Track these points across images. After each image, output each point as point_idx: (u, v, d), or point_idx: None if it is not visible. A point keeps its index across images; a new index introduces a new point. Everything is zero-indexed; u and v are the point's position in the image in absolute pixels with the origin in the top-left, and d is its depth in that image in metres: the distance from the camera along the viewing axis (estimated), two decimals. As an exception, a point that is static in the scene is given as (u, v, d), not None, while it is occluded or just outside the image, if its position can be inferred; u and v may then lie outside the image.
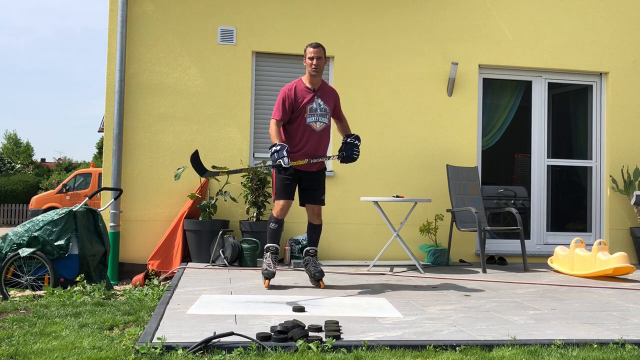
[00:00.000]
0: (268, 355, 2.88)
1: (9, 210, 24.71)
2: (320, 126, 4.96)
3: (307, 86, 4.98)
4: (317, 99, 4.96)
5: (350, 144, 4.99)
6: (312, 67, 4.90)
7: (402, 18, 7.35)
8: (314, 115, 4.93)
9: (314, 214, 5.04)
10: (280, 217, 4.96)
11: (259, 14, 7.11)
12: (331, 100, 5.05)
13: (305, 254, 5.08)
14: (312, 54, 4.91)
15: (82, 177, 19.44)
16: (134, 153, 6.86)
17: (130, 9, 6.88)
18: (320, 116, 4.95)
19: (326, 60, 5.04)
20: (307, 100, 4.93)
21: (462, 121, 7.39)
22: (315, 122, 4.94)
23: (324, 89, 5.04)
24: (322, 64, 4.94)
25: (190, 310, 3.83)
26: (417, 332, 3.34)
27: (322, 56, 4.95)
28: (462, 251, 7.32)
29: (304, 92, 4.95)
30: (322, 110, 4.97)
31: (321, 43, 5.04)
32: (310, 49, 4.93)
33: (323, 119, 4.97)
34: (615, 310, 4.18)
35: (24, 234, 5.34)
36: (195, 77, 6.98)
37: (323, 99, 4.99)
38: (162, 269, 6.39)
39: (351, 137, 5.02)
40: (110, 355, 2.89)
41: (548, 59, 7.60)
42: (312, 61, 4.90)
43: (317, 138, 4.96)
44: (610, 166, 7.65)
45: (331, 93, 5.09)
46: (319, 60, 4.91)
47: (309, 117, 4.93)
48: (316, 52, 4.91)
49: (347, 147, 4.99)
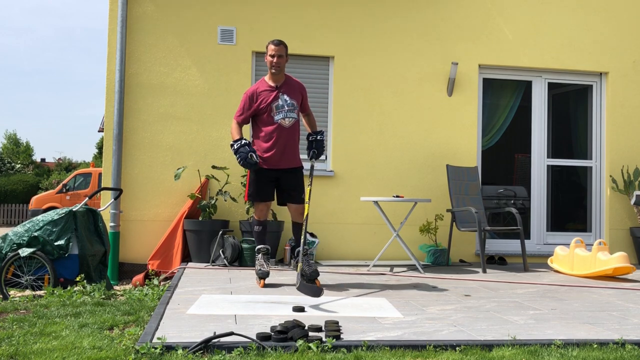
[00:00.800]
0: (268, 355, 2.88)
1: (9, 210, 24.71)
2: (289, 122, 4.97)
3: (270, 85, 4.99)
4: (283, 95, 4.97)
5: (320, 141, 5.08)
6: (272, 64, 4.93)
7: (402, 18, 7.35)
8: (282, 112, 4.95)
9: (297, 213, 5.06)
10: (262, 219, 5.05)
11: (259, 14, 7.11)
12: (297, 94, 5.06)
13: (297, 254, 5.05)
14: (273, 51, 4.92)
15: (82, 177, 19.44)
16: (134, 153, 6.86)
17: (130, 9, 6.88)
18: (288, 112, 4.96)
19: (287, 58, 5.03)
20: (271, 99, 4.94)
21: (462, 121, 7.39)
22: (284, 119, 4.95)
23: (288, 84, 5.04)
24: (282, 61, 4.95)
25: (190, 310, 3.83)
26: (417, 332, 3.34)
27: (284, 54, 4.95)
28: (462, 251, 7.32)
29: (267, 92, 4.97)
30: (290, 105, 4.97)
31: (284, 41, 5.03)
32: (272, 46, 4.94)
33: (292, 114, 4.98)
34: (615, 310, 4.18)
35: (24, 234, 5.34)
36: (195, 77, 6.98)
37: (289, 94, 4.99)
38: (162, 269, 6.39)
39: (320, 134, 5.10)
40: (110, 355, 2.89)
41: (548, 59, 7.60)
42: (273, 59, 4.92)
43: (288, 134, 4.98)
44: (610, 166, 7.65)
45: (297, 87, 5.09)
46: (279, 58, 4.92)
47: (276, 115, 4.94)
48: (277, 50, 4.92)
49: (318, 144, 5.07)
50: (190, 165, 6.90)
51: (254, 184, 4.98)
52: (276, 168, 4.99)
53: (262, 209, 5.02)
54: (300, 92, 5.10)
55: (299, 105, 5.06)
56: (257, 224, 5.05)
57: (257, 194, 4.99)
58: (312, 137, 5.13)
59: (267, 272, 4.94)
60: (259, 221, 5.04)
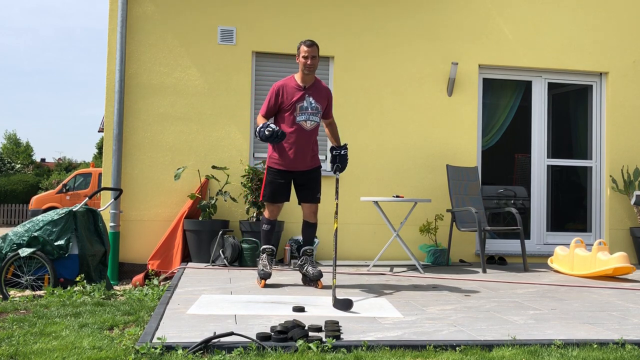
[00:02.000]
0: (268, 355, 2.88)
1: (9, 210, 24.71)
2: (310, 125, 4.91)
3: (299, 84, 4.91)
4: (308, 97, 4.90)
5: (343, 156, 4.98)
6: (305, 66, 4.83)
7: (402, 18, 7.35)
8: (305, 113, 4.88)
9: (310, 213, 5.02)
10: (271, 219, 5.01)
11: (259, 14, 7.11)
12: (324, 99, 4.98)
13: (303, 254, 5.03)
14: (306, 52, 4.82)
15: (82, 177, 19.44)
16: (134, 153, 6.86)
17: (130, 9, 6.88)
18: (311, 115, 4.89)
19: (319, 58, 4.96)
20: (296, 98, 4.87)
21: (462, 121, 7.39)
22: (306, 121, 4.89)
23: (316, 87, 4.95)
24: (316, 62, 4.86)
25: (190, 310, 3.83)
26: (417, 332, 3.34)
27: (317, 55, 4.86)
28: (462, 251, 7.32)
29: (294, 90, 4.89)
30: (313, 108, 4.90)
31: (316, 42, 4.95)
32: (305, 47, 4.83)
33: (314, 118, 4.91)
34: (615, 310, 4.18)
35: (24, 234, 5.34)
36: (195, 77, 6.98)
37: (315, 97, 4.91)
38: (162, 269, 6.39)
39: (344, 149, 4.99)
40: (110, 355, 2.89)
41: (548, 59, 7.60)
42: (307, 60, 4.82)
43: (307, 137, 4.92)
44: (610, 166, 7.65)
45: (324, 92, 4.99)
46: (313, 59, 4.84)
47: (299, 115, 4.87)
48: (310, 52, 4.82)
49: (342, 158, 4.97)
50: (190, 165, 6.90)
51: (269, 185, 4.96)
52: (292, 170, 4.95)
53: (272, 209, 5.00)
54: (326, 97, 5.00)
55: (322, 110, 4.98)
56: (266, 223, 5.01)
57: (271, 195, 4.96)
58: (335, 151, 5.00)
59: (269, 274, 4.92)
60: (269, 220, 5.00)
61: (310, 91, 4.91)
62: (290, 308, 3.93)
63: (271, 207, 4.99)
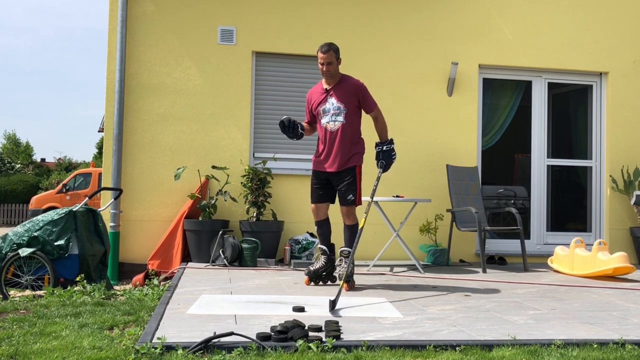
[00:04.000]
0: (268, 355, 2.88)
1: (9, 210, 24.71)
2: (335, 126, 4.90)
3: (323, 87, 5.01)
4: (330, 99, 4.93)
5: (387, 151, 4.95)
6: (322, 72, 4.94)
7: (402, 18, 7.35)
8: (327, 115, 4.93)
9: (344, 215, 4.97)
10: (316, 219, 5.08)
11: (259, 14, 7.11)
12: (350, 96, 4.91)
13: (340, 254, 5.00)
14: (322, 59, 4.89)
15: (82, 177, 19.44)
16: (134, 153, 6.86)
17: (130, 9, 6.88)
18: (334, 115, 4.90)
19: (340, 60, 4.94)
20: (319, 102, 4.97)
21: (462, 121, 7.39)
22: (329, 123, 4.92)
23: (340, 85, 4.94)
24: (332, 68, 4.89)
25: (190, 310, 3.83)
26: (417, 332, 3.34)
27: (333, 60, 4.88)
28: (462, 251, 7.32)
29: (318, 94, 5.01)
30: (336, 109, 4.91)
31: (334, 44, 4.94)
32: (320, 54, 4.90)
33: (338, 118, 4.89)
34: (615, 310, 4.18)
35: (24, 234, 5.34)
36: (195, 77, 6.98)
37: (337, 97, 4.90)
38: (162, 269, 6.39)
39: (386, 144, 4.96)
40: (110, 355, 2.89)
41: (548, 59, 7.60)
42: (323, 67, 4.90)
43: (334, 138, 4.90)
44: (610, 166, 7.65)
45: (350, 88, 4.94)
46: (328, 66, 4.88)
47: (322, 118, 4.96)
48: (326, 58, 4.87)
49: (385, 155, 4.95)
50: (190, 165, 6.90)
51: (311, 187, 5.09)
52: (324, 170, 4.99)
53: (313, 209, 5.08)
54: (353, 92, 4.93)
55: (348, 108, 4.90)
56: (315, 224, 5.11)
57: (311, 195, 5.08)
58: (378, 147, 4.99)
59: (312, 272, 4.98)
60: (315, 221, 5.10)
61: (332, 91, 4.94)
62: (290, 308, 3.93)
63: (312, 207, 5.09)
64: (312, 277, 5.01)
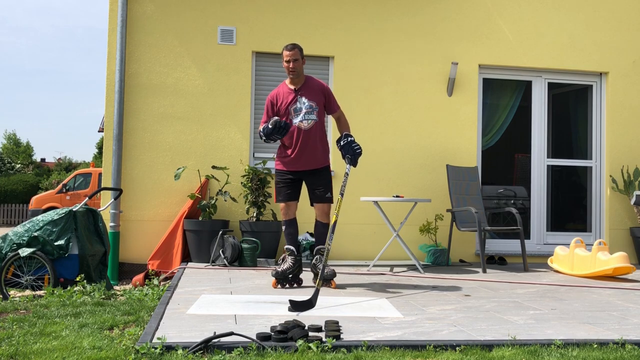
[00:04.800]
0: (268, 355, 2.88)
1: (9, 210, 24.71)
2: (308, 125, 4.95)
3: (290, 88, 5.01)
4: (301, 98, 4.96)
5: (348, 143, 4.88)
6: (289, 70, 4.94)
7: (402, 18, 7.35)
8: (299, 114, 4.95)
9: (321, 213, 5.01)
10: (286, 219, 5.06)
11: (259, 14, 7.11)
12: (318, 95, 5.00)
13: (316, 253, 5.02)
14: (287, 57, 4.93)
15: (82, 177, 19.43)
16: (134, 153, 6.86)
17: (130, 9, 6.88)
18: (307, 114, 4.95)
19: (304, 60, 5.01)
20: (289, 102, 4.96)
21: (462, 121, 7.39)
22: (302, 122, 4.94)
23: (308, 85, 5.01)
24: (298, 65, 4.93)
25: (190, 310, 3.83)
26: (417, 332, 3.34)
27: (299, 58, 4.93)
28: (462, 251, 7.32)
29: (286, 94, 4.99)
30: (308, 107, 4.96)
31: (298, 44, 5.00)
32: (286, 52, 4.94)
33: (310, 116, 4.95)
34: (615, 310, 4.18)
35: (24, 234, 5.34)
36: (195, 77, 6.98)
37: (307, 96, 4.96)
38: (162, 269, 6.39)
39: (343, 138, 4.93)
40: (110, 355, 2.89)
41: (548, 59, 7.60)
42: (289, 64, 4.92)
43: (308, 136, 4.95)
44: (610, 166, 7.65)
45: (318, 88, 5.03)
46: (295, 62, 4.92)
47: (294, 118, 4.95)
48: (291, 55, 4.91)
49: (346, 148, 4.88)
50: (190, 165, 6.90)
51: (277, 185, 5.06)
52: (296, 170, 4.99)
53: (282, 208, 5.06)
54: (321, 92, 5.02)
55: (319, 107, 4.99)
56: (283, 224, 5.09)
57: (279, 195, 5.05)
58: (338, 144, 4.98)
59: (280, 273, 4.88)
60: (284, 220, 5.07)
61: (301, 91, 4.99)
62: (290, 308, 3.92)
63: (282, 207, 5.06)
64: (279, 278, 4.93)
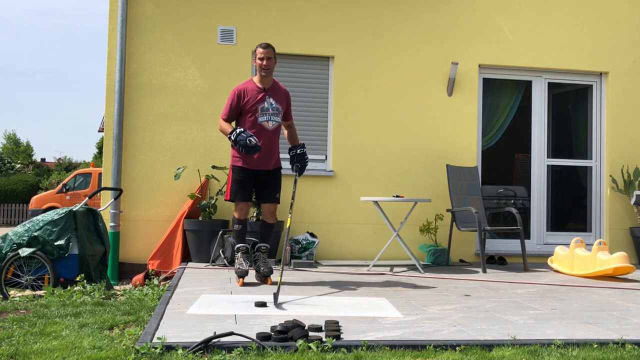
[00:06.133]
0: (268, 355, 2.88)
1: (9, 210, 24.71)
2: (272, 125, 5.06)
3: (258, 86, 5.07)
4: (269, 99, 5.05)
5: (301, 154, 5.17)
6: (262, 67, 4.99)
7: (402, 18, 7.35)
8: (266, 114, 5.03)
9: (268, 213, 5.17)
10: (242, 218, 5.13)
11: (259, 14, 7.11)
12: (283, 101, 5.15)
13: (256, 250, 5.17)
14: (262, 54, 4.99)
15: (82, 177, 19.44)
16: (134, 153, 6.86)
17: (130, 9, 6.88)
18: (272, 115, 5.05)
19: (276, 60, 5.10)
20: (257, 100, 5.02)
21: (462, 121, 7.39)
22: (268, 121, 5.03)
23: (275, 88, 5.13)
24: (271, 64, 5.02)
25: (190, 310, 3.83)
26: (417, 332, 3.34)
27: (272, 56, 5.03)
28: (462, 251, 7.32)
29: (254, 92, 5.05)
30: (274, 109, 5.06)
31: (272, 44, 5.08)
32: (260, 49, 5.01)
33: (275, 118, 5.07)
34: (615, 310, 4.18)
35: (24, 234, 5.34)
36: (195, 77, 6.98)
37: (274, 99, 5.08)
38: (162, 269, 6.39)
39: (300, 148, 5.18)
40: (110, 355, 2.89)
41: (548, 59, 7.60)
42: (262, 62, 4.99)
43: (270, 137, 5.06)
44: (610, 166, 7.65)
45: (283, 93, 5.18)
46: (268, 60, 5.00)
47: (260, 116, 5.02)
48: (266, 53, 4.99)
49: (299, 158, 5.16)
50: (190, 165, 6.90)
51: (236, 183, 5.08)
52: (257, 169, 5.09)
53: (242, 207, 5.11)
54: (285, 98, 5.19)
55: (282, 111, 5.14)
56: (237, 223, 5.14)
57: (239, 193, 5.08)
58: (292, 151, 5.21)
59: (246, 271, 5.01)
60: (239, 220, 5.13)
61: (270, 92, 5.08)
62: (290, 308, 3.92)
63: (240, 205, 5.11)
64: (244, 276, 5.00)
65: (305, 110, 7.20)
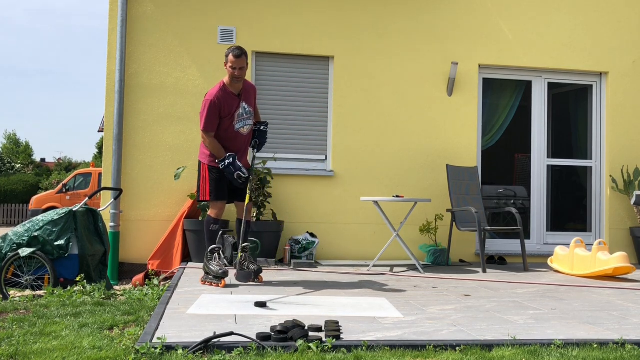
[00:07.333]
0: (268, 355, 2.88)
1: (9, 210, 24.71)
2: (246, 130, 5.12)
3: (232, 92, 5.01)
4: (242, 103, 5.06)
5: (263, 132, 5.22)
6: (233, 76, 4.92)
7: (402, 18, 7.35)
8: (241, 120, 5.05)
9: (247, 211, 5.19)
10: (219, 218, 5.15)
11: (259, 14, 7.11)
12: (252, 98, 5.17)
13: (242, 251, 5.10)
14: (235, 64, 4.89)
15: (82, 177, 19.44)
16: (134, 153, 6.86)
17: (130, 9, 6.88)
18: (246, 120, 5.09)
19: (247, 66, 5.01)
20: (234, 107, 5.01)
21: (462, 121, 7.39)
22: (243, 127, 5.08)
23: (246, 90, 5.12)
24: (244, 73, 4.97)
25: (190, 310, 3.83)
26: (417, 332, 3.34)
27: (245, 65, 4.95)
28: (462, 251, 7.32)
29: (230, 99, 4.99)
30: (248, 113, 5.10)
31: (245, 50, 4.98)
32: (233, 58, 4.89)
33: (249, 122, 5.13)
34: (615, 310, 4.18)
35: (24, 234, 5.34)
36: (195, 77, 6.98)
37: (247, 101, 5.09)
38: (162, 269, 6.39)
39: (263, 125, 5.23)
40: (110, 355, 2.89)
41: (548, 59, 7.60)
42: (235, 71, 4.91)
43: (244, 141, 5.14)
44: (610, 166, 7.65)
45: (252, 90, 5.19)
46: (241, 70, 4.93)
47: (237, 123, 5.03)
48: (239, 63, 4.89)
49: (260, 134, 5.21)
50: (190, 165, 6.90)
51: (215, 183, 5.07)
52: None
53: (220, 207, 5.13)
54: (254, 95, 5.21)
55: (253, 110, 5.17)
56: (214, 223, 5.11)
57: (217, 193, 5.08)
58: (255, 126, 5.22)
59: (227, 272, 4.92)
60: (216, 220, 5.12)
61: (243, 96, 5.08)
62: (290, 308, 3.92)
63: (218, 205, 5.11)
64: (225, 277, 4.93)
65: (305, 110, 7.21)
